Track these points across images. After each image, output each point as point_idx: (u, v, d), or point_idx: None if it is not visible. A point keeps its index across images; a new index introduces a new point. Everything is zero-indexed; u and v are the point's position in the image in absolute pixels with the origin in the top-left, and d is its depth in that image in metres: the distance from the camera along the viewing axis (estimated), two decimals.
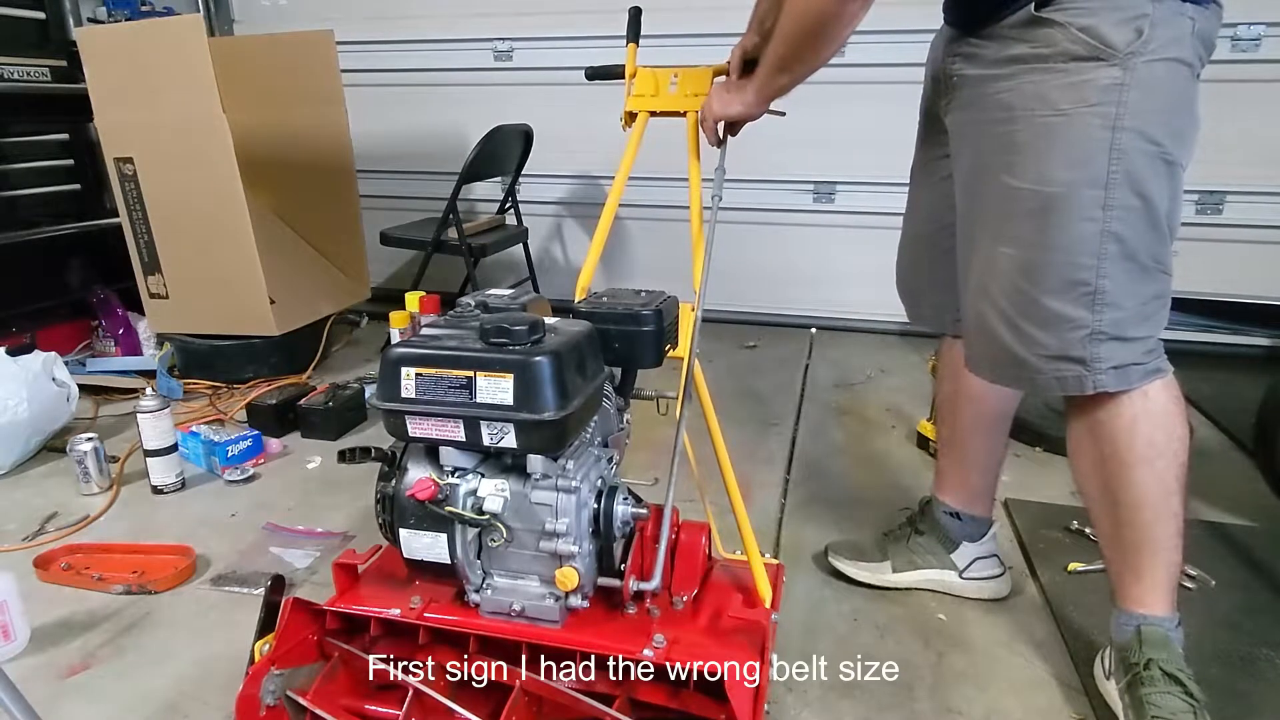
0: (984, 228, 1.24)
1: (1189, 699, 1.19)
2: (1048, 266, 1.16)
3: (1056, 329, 1.17)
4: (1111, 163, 1.11)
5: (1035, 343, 1.19)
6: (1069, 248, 1.14)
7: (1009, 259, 1.20)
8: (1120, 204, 1.12)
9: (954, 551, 1.59)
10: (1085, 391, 1.19)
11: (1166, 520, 1.25)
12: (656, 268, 3.49)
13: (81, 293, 3.07)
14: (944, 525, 1.60)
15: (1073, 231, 1.14)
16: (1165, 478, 1.23)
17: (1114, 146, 1.10)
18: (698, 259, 1.34)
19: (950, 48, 1.28)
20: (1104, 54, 1.08)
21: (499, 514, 1.11)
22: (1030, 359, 1.20)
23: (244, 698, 1.10)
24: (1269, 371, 2.20)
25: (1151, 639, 1.25)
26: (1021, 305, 1.19)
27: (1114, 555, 1.29)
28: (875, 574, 1.63)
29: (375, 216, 3.37)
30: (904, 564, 1.62)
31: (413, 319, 2.65)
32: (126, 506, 1.99)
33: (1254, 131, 2.90)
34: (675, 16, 2.97)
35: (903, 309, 1.61)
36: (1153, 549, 1.25)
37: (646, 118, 1.48)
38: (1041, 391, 1.26)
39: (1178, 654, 1.24)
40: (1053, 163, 1.13)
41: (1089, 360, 1.17)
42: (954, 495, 1.59)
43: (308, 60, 2.95)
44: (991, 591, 1.60)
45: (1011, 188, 1.17)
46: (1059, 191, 1.13)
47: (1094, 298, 1.15)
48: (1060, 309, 1.16)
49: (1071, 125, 1.11)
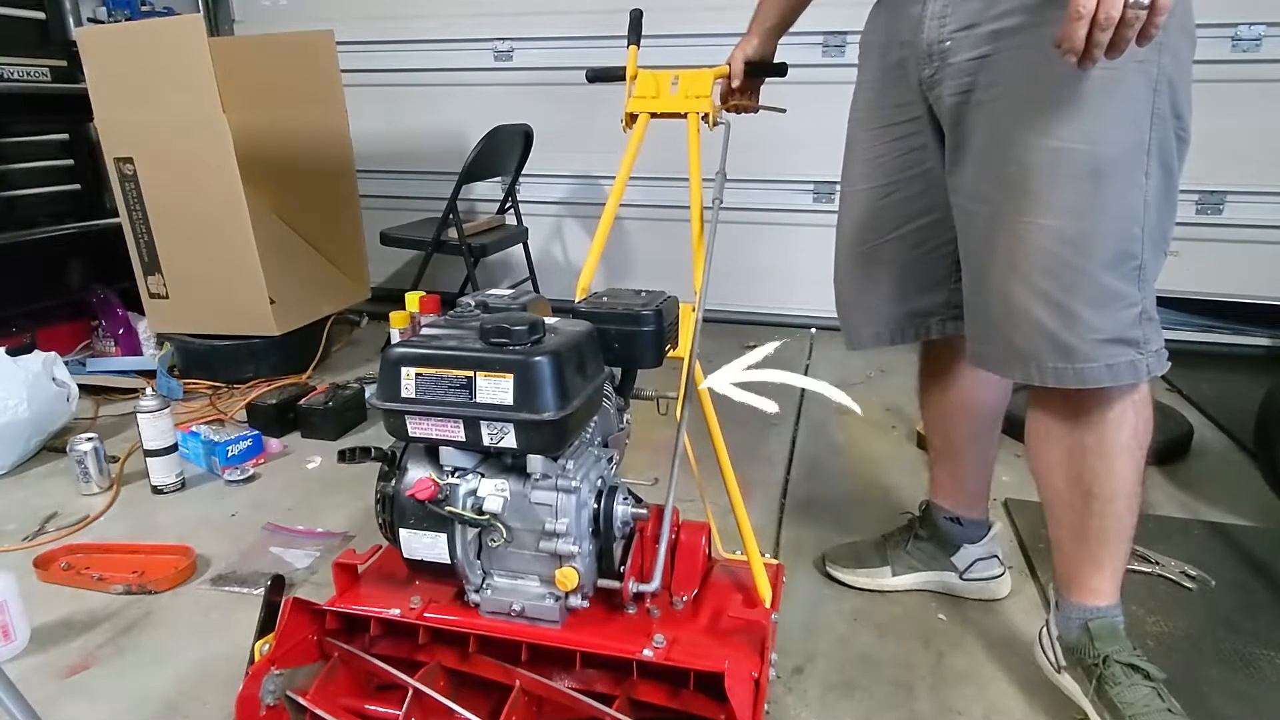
0: (1011, 201, 1.11)
1: (1151, 683, 1.19)
2: (1101, 236, 1.05)
3: (1112, 307, 1.07)
4: (1153, 128, 1.04)
5: (1086, 325, 1.07)
6: (1123, 215, 1.05)
7: (1050, 231, 1.07)
8: (1155, 175, 1.06)
9: (954, 554, 1.59)
10: (1139, 379, 1.10)
11: (1135, 510, 1.21)
12: (656, 268, 3.49)
13: (81, 293, 3.07)
14: (944, 529, 1.58)
15: (1126, 199, 1.05)
16: (1140, 467, 1.19)
17: (1155, 110, 1.03)
18: (698, 259, 1.34)
19: (935, 9, 1.17)
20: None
21: (499, 514, 1.11)
22: (1079, 345, 1.08)
23: (244, 698, 1.10)
24: (1269, 371, 2.20)
25: (1101, 633, 1.24)
26: (1069, 282, 1.07)
27: (1075, 547, 1.25)
28: (875, 579, 1.62)
29: (375, 216, 3.37)
30: (904, 568, 1.61)
31: (413, 319, 2.65)
32: (126, 506, 1.99)
33: (1254, 131, 2.90)
34: (675, 17, 2.98)
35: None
36: (1119, 539, 1.22)
37: (647, 119, 1.48)
38: (1088, 383, 1.10)
39: (1125, 641, 1.24)
40: (1105, 121, 1.03)
41: (1141, 342, 1.08)
42: (952, 500, 1.57)
43: (308, 60, 2.95)
44: (992, 592, 1.60)
45: (1053, 149, 1.06)
46: (1113, 153, 1.04)
47: (1141, 272, 1.06)
48: (1115, 285, 1.06)
49: (1122, 78, 1.02)
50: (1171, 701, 1.19)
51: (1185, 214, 3.03)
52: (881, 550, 1.64)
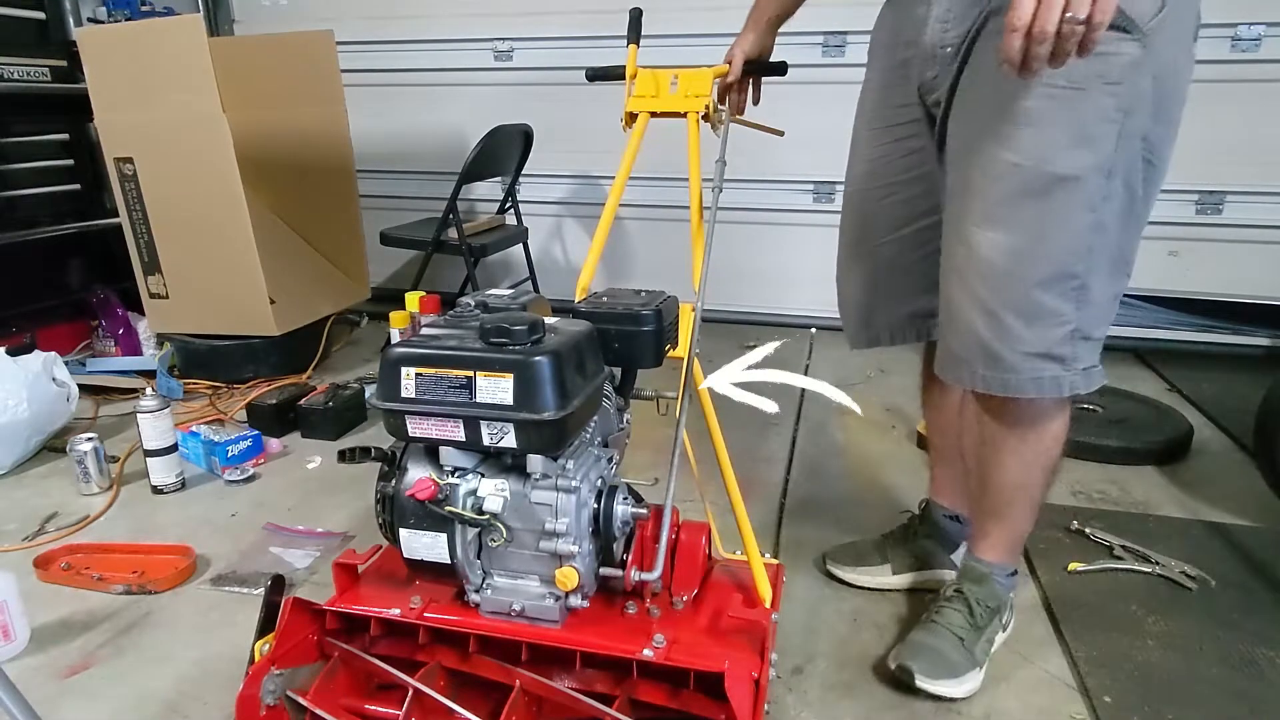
0: (970, 209, 1.14)
1: (970, 618, 1.33)
2: (1040, 254, 1.08)
3: (1042, 324, 1.11)
4: (1117, 150, 1.05)
5: (1015, 337, 1.12)
6: (1067, 236, 1.08)
7: (993, 242, 1.11)
8: (1116, 196, 1.07)
9: (954, 552, 1.60)
10: (1061, 394, 1.15)
11: (1026, 501, 1.31)
12: (656, 268, 3.49)
13: (81, 293, 3.07)
14: (944, 528, 1.59)
15: (1073, 219, 1.07)
16: (1032, 470, 1.28)
17: (1122, 133, 1.04)
18: (697, 259, 1.34)
19: (939, 11, 1.18)
20: (1129, 25, 1.00)
21: (499, 514, 1.11)
22: (1007, 356, 1.13)
23: (244, 698, 1.10)
24: (1269, 371, 2.20)
25: (972, 574, 1.38)
26: (1004, 294, 1.11)
27: (974, 511, 1.39)
28: (876, 578, 1.62)
29: (375, 216, 3.37)
30: (904, 566, 1.62)
31: (413, 319, 2.65)
32: (126, 506, 1.99)
33: (1254, 131, 2.90)
34: (675, 17, 2.98)
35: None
36: (998, 517, 1.34)
37: (647, 118, 1.48)
38: (1012, 393, 1.16)
39: (993, 592, 1.36)
40: (1062, 140, 1.05)
41: (1068, 360, 1.12)
42: (952, 499, 1.59)
43: (308, 60, 2.95)
44: None
45: (1010, 164, 1.08)
46: (1065, 174, 1.05)
47: (1080, 292, 1.10)
48: (1048, 302, 1.09)
49: (1084, 101, 1.03)
50: (983, 629, 1.34)
51: (1185, 214, 3.03)
52: (882, 549, 1.65)
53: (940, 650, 1.32)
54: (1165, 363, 2.96)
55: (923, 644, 1.33)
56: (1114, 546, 1.74)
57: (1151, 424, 2.33)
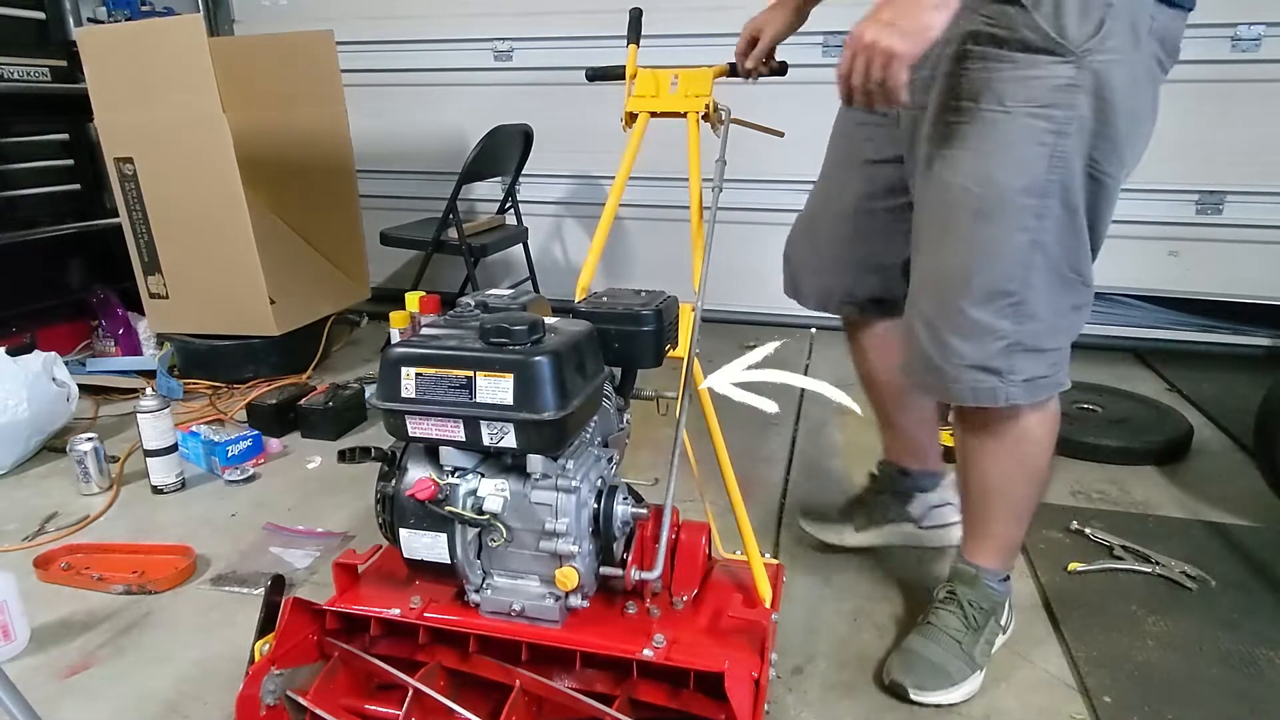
0: (921, 226, 1.21)
1: (966, 620, 1.34)
2: (975, 273, 1.12)
3: (978, 339, 1.14)
4: (1050, 171, 1.07)
5: (953, 351, 1.16)
6: (1000, 256, 1.11)
7: (935, 261, 1.17)
8: (1052, 215, 1.09)
9: (910, 504, 1.66)
10: (998, 404, 1.18)
11: (1009, 508, 1.32)
12: (656, 268, 3.49)
13: (81, 293, 3.07)
14: (896, 482, 1.67)
15: (1006, 240, 1.10)
16: (1013, 478, 1.29)
17: (1055, 154, 1.06)
18: (697, 259, 1.34)
19: None
20: (1059, 48, 1.02)
21: (499, 514, 1.11)
22: (946, 367, 1.18)
23: (244, 698, 1.10)
24: (1269, 371, 2.20)
25: (963, 576, 1.38)
26: (943, 310, 1.16)
27: (963, 517, 1.40)
28: (838, 535, 1.69)
29: (375, 216, 3.37)
30: (864, 523, 1.68)
31: (413, 319, 2.65)
32: (126, 506, 1.99)
33: (1254, 131, 2.90)
34: (675, 17, 2.98)
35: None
36: (984, 522, 1.35)
37: (647, 118, 1.48)
38: (955, 401, 1.22)
39: (986, 595, 1.36)
40: (992, 164, 1.08)
41: (1005, 372, 1.15)
42: (900, 455, 1.67)
43: (308, 60, 2.95)
44: (953, 537, 1.62)
45: (950, 185, 1.13)
46: (997, 195, 1.09)
47: (1018, 309, 1.13)
48: (984, 319, 1.13)
49: (1015, 125, 1.06)
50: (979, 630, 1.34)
51: (1185, 214, 3.03)
52: (845, 510, 1.72)
53: (933, 659, 1.32)
54: (1165, 363, 2.96)
55: (916, 654, 1.33)
56: (1114, 546, 1.74)
57: (1151, 424, 2.33)
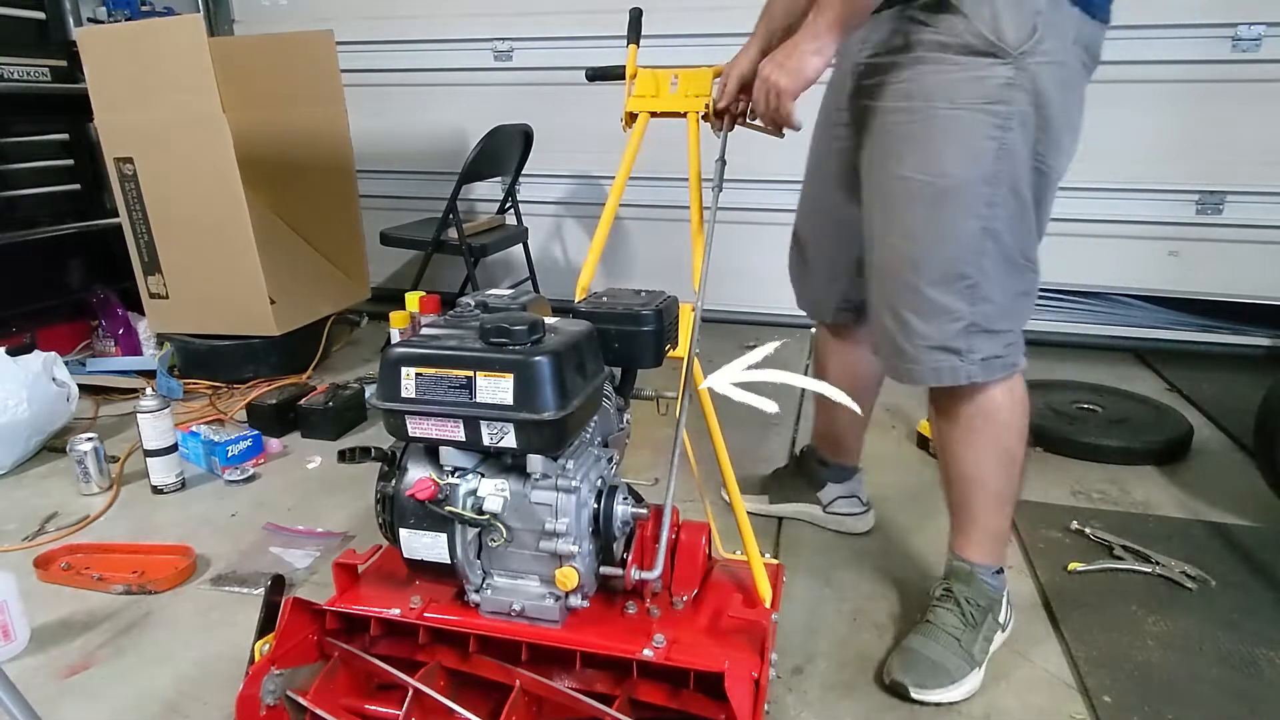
0: (875, 217, 1.29)
1: (963, 617, 1.35)
2: (932, 258, 1.21)
3: (937, 320, 1.23)
4: (998, 161, 1.16)
5: (915, 332, 1.25)
6: (955, 241, 1.20)
7: (894, 249, 1.26)
8: (1002, 202, 1.18)
9: (820, 490, 1.82)
10: (959, 382, 1.26)
11: (987, 495, 1.36)
12: (656, 268, 3.49)
13: (81, 293, 3.07)
14: (813, 469, 1.83)
15: (959, 226, 1.19)
16: (986, 461, 1.33)
17: (1002, 146, 1.15)
18: (697, 259, 1.34)
19: (863, 33, 1.30)
20: (999, 50, 1.12)
21: (499, 514, 1.11)
22: (909, 349, 1.26)
23: (244, 698, 1.10)
24: (1269, 371, 2.20)
25: (957, 573, 1.40)
26: (904, 294, 1.25)
27: (950, 507, 1.43)
28: (755, 504, 1.85)
29: (375, 216, 3.36)
30: (779, 498, 1.86)
31: (413, 319, 2.65)
32: (126, 506, 1.99)
33: (1254, 131, 2.90)
34: (675, 17, 2.98)
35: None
36: (971, 513, 1.38)
37: (647, 118, 1.48)
38: (919, 382, 1.30)
39: (981, 590, 1.38)
40: (944, 157, 1.18)
41: (964, 351, 1.24)
42: (824, 446, 1.82)
43: (308, 60, 2.95)
44: (850, 526, 1.82)
45: (903, 178, 1.22)
46: (949, 185, 1.18)
47: (973, 291, 1.21)
48: (942, 300, 1.22)
49: (964, 121, 1.16)
50: (978, 627, 1.35)
51: (1185, 214, 3.03)
52: (766, 483, 1.91)
53: (933, 657, 1.33)
54: (1165, 363, 2.96)
55: (916, 652, 1.34)
56: (1114, 546, 1.74)
57: (1151, 424, 2.33)
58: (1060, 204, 1.30)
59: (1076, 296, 3.18)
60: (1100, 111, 3.04)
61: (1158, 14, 2.85)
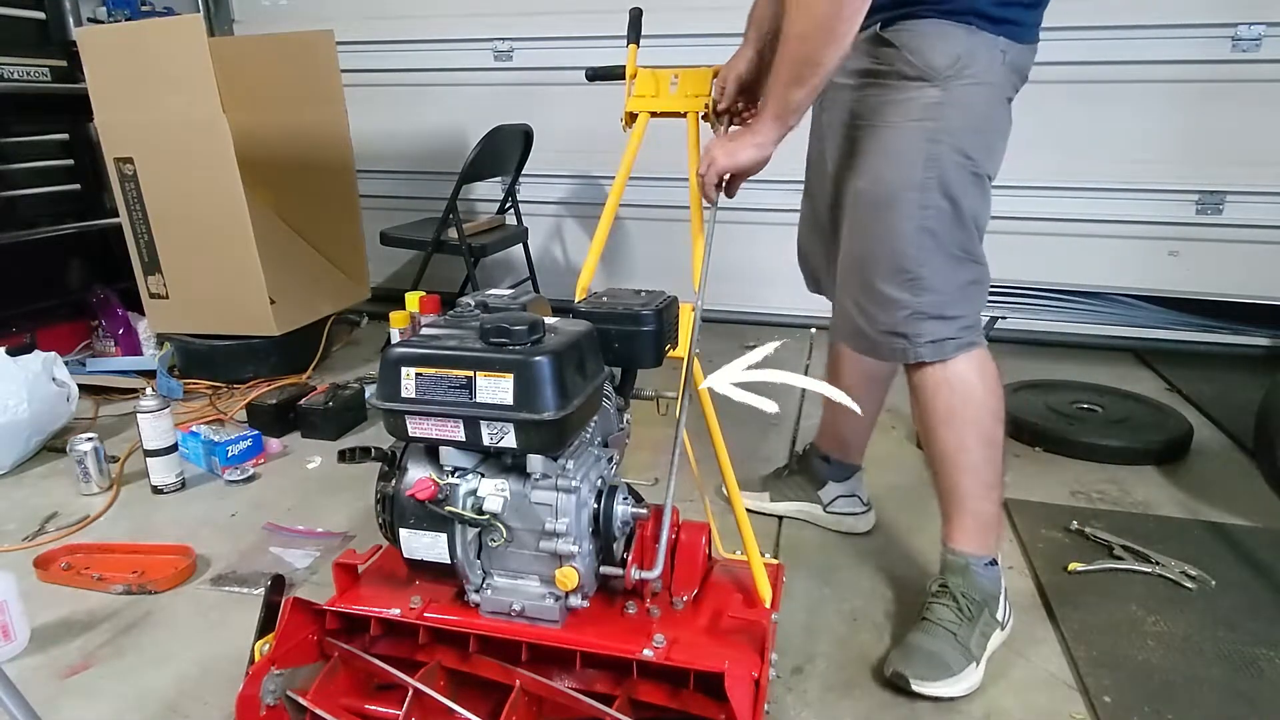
0: (844, 219, 1.42)
1: (959, 612, 1.38)
2: (880, 257, 1.35)
3: (887, 309, 1.37)
4: (927, 170, 1.29)
5: (873, 319, 1.39)
6: (895, 240, 1.33)
7: (850, 248, 1.41)
8: (934, 205, 1.30)
9: (821, 489, 1.84)
10: (908, 361, 1.39)
11: (968, 476, 1.40)
12: (656, 268, 3.49)
13: (81, 293, 3.07)
14: (815, 467, 1.86)
15: (897, 227, 1.32)
16: (964, 439, 1.39)
17: (929, 156, 1.28)
18: (697, 259, 1.34)
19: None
20: (928, 75, 1.27)
21: (499, 514, 1.11)
22: (869, 332, 1.41)
23: (244, 698, 1.10)
24: (1269, 371, 2.20)
25: (951, 566, 1.43)
26: (860, 287, 1.40)
27: (939, 496, 1.47)
28: (756, 502, 1.88)
29: (375, 216, 3.37)
30: (780, 496, 1.89)
31: (413, 319, 2.65)
32: (126, 506, 1.99)
33: (1254, 131, 2.90)
34: (675, 17, 2.97)
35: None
36: (956, 497, 1.42)
37: (647, 118, 1.48)
38: (883, 358, 1.45)
39: (975, 584, 1.41)
40: (883, 167, 1.33)
41: (911, 335, 1.36)
42: (828, 443, 1.86)
43: (308, 60, 2.95)
44: (850, 526, 1.83)
45: (855, 186, 1.37)
46: (888, 192, 1.32)
47: (915, 283, 1.33)
48: (889, 292, 1.35)
49: (898, 135, 1.31)
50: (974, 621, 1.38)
51: (1185, 214, 3.03)
52: (767, 480, 1.94)
53: (934, 651, 1.33)
54: (1165, 363, 2.96)
55: (916, 647, 1.35)
56: (1114, 546, 1.74)
57: (1151, 424, 2.33)
58: (1060, 204, 1.33)
59: (1076, 296, 3.18)
60: (1100, 111, 3.07)
61: (1158, 14, 2.85)
